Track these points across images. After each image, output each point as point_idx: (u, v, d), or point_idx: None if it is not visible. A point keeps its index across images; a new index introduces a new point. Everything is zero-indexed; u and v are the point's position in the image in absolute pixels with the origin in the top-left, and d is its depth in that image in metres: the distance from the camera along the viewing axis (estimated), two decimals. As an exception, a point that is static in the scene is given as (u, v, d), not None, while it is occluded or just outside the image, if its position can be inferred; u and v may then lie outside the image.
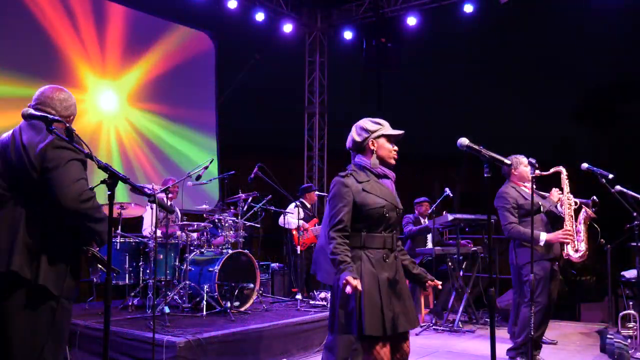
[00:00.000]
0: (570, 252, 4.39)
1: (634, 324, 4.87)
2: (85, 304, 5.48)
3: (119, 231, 5.54)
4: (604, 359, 4.76)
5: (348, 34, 10.41)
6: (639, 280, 4.92)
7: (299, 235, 6.52)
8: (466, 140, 2.64)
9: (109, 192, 2.32)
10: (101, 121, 8.09)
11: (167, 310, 4.81)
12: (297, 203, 6.48)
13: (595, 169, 4.39)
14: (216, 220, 5.93)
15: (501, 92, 16.87)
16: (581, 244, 4.39)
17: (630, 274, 5.59)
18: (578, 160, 4.47)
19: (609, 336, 4.71)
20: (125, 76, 8.40)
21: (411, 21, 9.63)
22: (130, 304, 5.34)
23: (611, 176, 4.36)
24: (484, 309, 6.92)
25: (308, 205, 7.33)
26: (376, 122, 2.81)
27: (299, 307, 5.66)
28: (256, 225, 6.73)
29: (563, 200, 4.40)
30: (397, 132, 2.80)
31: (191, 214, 7.02)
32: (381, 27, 10.07)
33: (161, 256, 5.42)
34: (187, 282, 5.39)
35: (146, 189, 3.81)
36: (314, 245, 6.71)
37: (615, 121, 17.65)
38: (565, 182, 4.44)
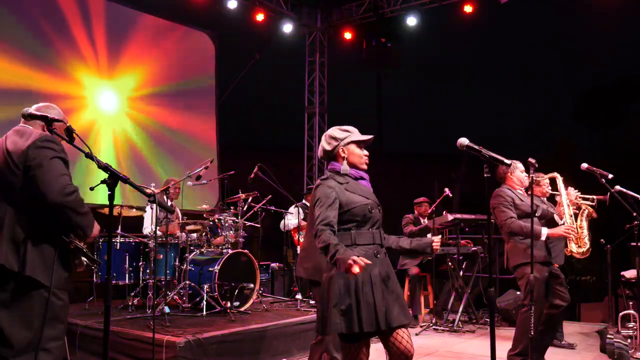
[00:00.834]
0: (573, 248, 4.38)
1: (634, 324, 4.86)
2: (85, 303, 5.48)
3: (119, 231, 5.54)
4: (604, 359, 4.76)
5: (348, 34, 10.41)
6: (639, 280, 4.92)
7: (298, 236, 6.51)
8: (466, 140, 2.64)
9: (109, 192, 2.35)
10: (101, 121, 8.09)
11: (167, 310, 4.82)
12: (297, 204, 6.47)
13: (595, 169, 4.39)
14: (216, 221, 5.93)
15: (501, 92, 16.90)
16: (585, 240, 4.40)
17: (630, 274, 5.58)
18: (578, 160, 4.47)
19: (609, 336, 4.70)
20: (125, 76, 8.40)
21: (411, 21, 9.64)
22: (130, 303, 5.34)
23: (611, 176, 4.36)
24: (484, 309, 6.92)
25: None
26: (344, 130, 2.85)
27: (299, 307, 5.67)
28: (256, 225, 6.73)
29: (563, 201, 4.39)
30: (366, 137, 2.84)
31: (191, 214, 7.01)
32: (381, 27, 10.08)
33: (161, 256, 5.42)
34: (187, 282, 5.39)
35: (146, 189, 3.80)
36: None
37: (616, 121, 17.67)
38: (561, 187, 4.45)
